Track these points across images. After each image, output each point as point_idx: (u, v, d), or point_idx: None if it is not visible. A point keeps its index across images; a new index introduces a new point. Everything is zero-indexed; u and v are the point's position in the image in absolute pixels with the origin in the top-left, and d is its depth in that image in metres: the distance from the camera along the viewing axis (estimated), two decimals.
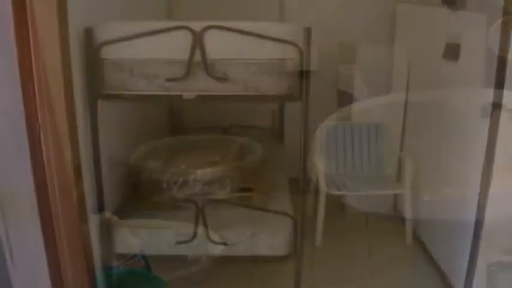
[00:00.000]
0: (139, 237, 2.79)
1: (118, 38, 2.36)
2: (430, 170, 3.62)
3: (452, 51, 3.06)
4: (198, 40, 2.32)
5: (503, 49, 2.37)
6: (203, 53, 2.34)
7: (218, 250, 2.80)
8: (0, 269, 2.29)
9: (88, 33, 2.41)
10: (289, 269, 2.91)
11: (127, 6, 3.18)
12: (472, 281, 2.73)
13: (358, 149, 4.12)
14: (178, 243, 2.76)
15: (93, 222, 2.72)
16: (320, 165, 3.81)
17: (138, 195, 3.13)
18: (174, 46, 2.37)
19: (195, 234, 2.73)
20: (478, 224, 2.65)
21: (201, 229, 2.75)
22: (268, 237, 2.82)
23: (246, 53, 2.39)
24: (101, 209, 2.72)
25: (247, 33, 2.35)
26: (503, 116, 2.42)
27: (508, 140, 2.45)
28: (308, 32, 2.42)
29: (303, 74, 2.46)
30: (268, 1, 4.53)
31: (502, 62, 2.38)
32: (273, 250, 2.82)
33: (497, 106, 2.43)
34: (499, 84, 2.42)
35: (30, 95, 2.28)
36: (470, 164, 2.81)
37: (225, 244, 2.78)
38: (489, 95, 2.51)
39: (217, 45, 2.36)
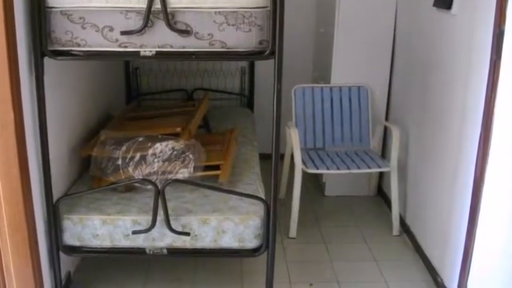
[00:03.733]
0: (90, 226, 2.80)
1: None
2: (419, 142, 3.69)
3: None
4: None
5: None
6: None
7: (180, 241, 2.83)
8: None
9: None
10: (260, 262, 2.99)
11: None
12: (467, 279, 2.83)
13: (338, 117, 4.16)
14: (135, 233, 2.79)
15: (40, 206, 2.76)
16: (295, 137, 3.83)
17: (90, 174, 3.15)
18: None
19: (153, 223, 2.75)
20: (474, 209, 2.72)
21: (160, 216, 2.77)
22: (236, 226, 2.84)
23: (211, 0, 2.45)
24: (47, 190, 2.74)
25: None
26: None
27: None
28: None
29: (276, 27, 2.50)
30: None
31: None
32: (242, 241, 2.84)
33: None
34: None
35: None
36: (467, 134, 2.88)
37: (187, 234, 2.80)
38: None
39: None
